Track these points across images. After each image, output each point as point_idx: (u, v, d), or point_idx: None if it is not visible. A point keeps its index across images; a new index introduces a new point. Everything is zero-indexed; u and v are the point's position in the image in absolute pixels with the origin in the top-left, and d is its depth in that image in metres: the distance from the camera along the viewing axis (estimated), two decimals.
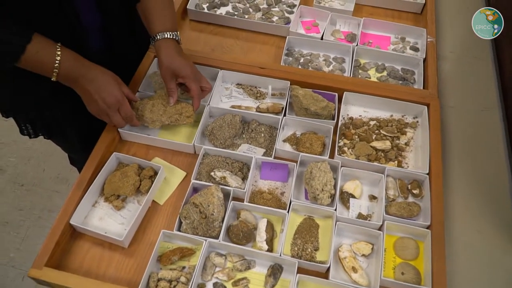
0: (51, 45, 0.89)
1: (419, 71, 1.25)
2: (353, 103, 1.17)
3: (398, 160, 1.06)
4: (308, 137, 1.08)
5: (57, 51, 0.89)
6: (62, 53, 0.90)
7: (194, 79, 1.04)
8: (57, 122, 1.17)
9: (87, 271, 0.91)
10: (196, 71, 1.06)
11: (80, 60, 0.94)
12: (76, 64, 0.92)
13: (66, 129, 1.20)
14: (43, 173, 2.09)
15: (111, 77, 0.97)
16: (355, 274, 0.88)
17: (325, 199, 0.96)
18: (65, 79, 0.93)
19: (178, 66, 1.02)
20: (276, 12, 1.41)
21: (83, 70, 0.93)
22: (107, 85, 0.95)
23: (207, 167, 1.03)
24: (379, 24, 1.36)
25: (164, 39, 1.03)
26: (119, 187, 0.98)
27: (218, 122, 1.09)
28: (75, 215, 0.93)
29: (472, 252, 0.94)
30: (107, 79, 0.96)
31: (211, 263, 0.90)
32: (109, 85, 0.95)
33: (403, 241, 0.94)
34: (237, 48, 1.33)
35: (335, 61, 1.29)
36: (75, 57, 0.93)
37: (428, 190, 0.98)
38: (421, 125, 1.13)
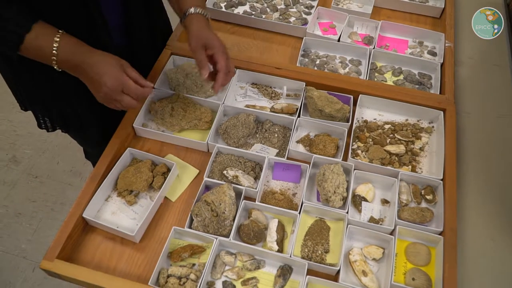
0: (51, 32, 0.87)
1: (436, 76, 1.23)
2: (368, 106, 1.16)
3: (412, 164, 1.05)
4: (322, 138, 1.08)
5: (56, 37, 0.87)
6: (62, 39, 0.87)
7: (223, 52, 1.01)
8: (76, 116, 1.18)
9: (98, 264, 0.92)
10: (225, 47, 1.03)
11: (81, 46, 0.90)
12: (77, 50, 0.89)
13: (85, 123, 1.21)
14: (57, 166, 2.11)
15: (112, 59, 0.92)
16: (365, 278, 0.88)
17: (337, 202, 0.96)
18: (66, 66, 0.90)
19: (208, 37, 1.00)
20: (294, 12, 1.41)
21: (83, 56, 0.89)
22: (107, 68, 0.90)
23: (220, 165, 1.03)
24: (397, 28, 1.35)
25: (196, 14, 1.03)
26: (132, 183, 0.99)
27: (232, 121, 1.09)
28: (88, 209, 0.94)
29: (484, 260, 0.93)
30: (108, 61, 0.91)
31: (221, 261, 0.91)
32: (109, 68, 0.90)
33: (415, 247, 0.93)
34: (253, 48, 1.33)
35: (351, 64, 1.28)
36: (76, 43, 0.90)
37: (441, 196, 0.97)
38: (436, 130, 1.11)
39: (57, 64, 0.89)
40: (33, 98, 1.14)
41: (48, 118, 1.20)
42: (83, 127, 1.23)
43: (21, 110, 1.21)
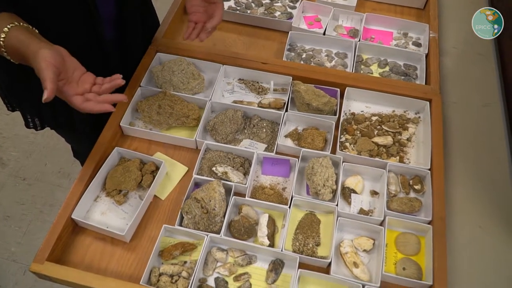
0: (5, 23, 0.79)
1: (421, 67, 1.24)
2: (355, 99, 1.17)
3: (400, 155, 1.06)
4: (310, 132, 1.08)
5: (9, 24, 0.78)
6: (13, 29, 0.78)
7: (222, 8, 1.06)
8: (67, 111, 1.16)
9: (89, 265, 0.91)
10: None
11: (34, 37, 0.79)
12: (26, 40, 0.78)
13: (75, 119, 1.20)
14: (45, 167, 2.09)
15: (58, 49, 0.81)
16: (356, 269, 0.88)
17: (327, 195, 0.96)
18: (17, 57, 0.81)
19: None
20: (279, 7, 1.40)
21: (31, 47, 0.78)
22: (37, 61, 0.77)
23: (209, 162, 1.03)
24: (382, 20, 1.36)
25: None
26: (121, 182, 0.98)
27: (220, 117, 1.09)
28: (76, 210, 0.93)
29: (473, 247, 0.94)
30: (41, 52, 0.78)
31: (212, 258, 0.91)
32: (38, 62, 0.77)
33: (404, 237, 0.94)
34: (239, 43, 1.32)
35: (337, 57, 1.29)
36: (26, 33, 0.79)
37: (429, 186, 0.98)
38: (423, 120, 1.12)
39: (8, 55, 0.81)
40: (21, 97, 1.12)
41: (37, 117, 1.19)
42: (74, 123, 1.22)
43: (7, 112, 1.19)
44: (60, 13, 0.91)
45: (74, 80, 0.84)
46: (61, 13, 0.91)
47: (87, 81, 0.85)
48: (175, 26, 1.34)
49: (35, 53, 0.77)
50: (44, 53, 0.77)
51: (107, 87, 0.86)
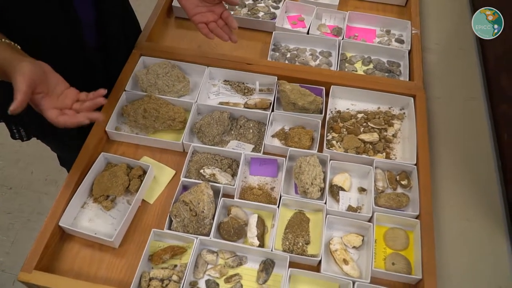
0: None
1: (405, 63, 1.25)
2: (341, 97, 1.17)
3: (386, 152, 1.07)
4: (297, 131, 1.08)
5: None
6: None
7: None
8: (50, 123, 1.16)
9: (78, 273, 0.90)
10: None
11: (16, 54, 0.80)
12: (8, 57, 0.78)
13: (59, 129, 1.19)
14: (31, 176, 2.07)
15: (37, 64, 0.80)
16: (346, 266, 0.89)
17: (315, 193, 0.96)
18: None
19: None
20: (262, 7, 1.41)
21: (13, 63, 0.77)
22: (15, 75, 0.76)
23: (196, 164, 1.03)
24: (364, 18, 1.37)
25: None
26: (108, 187, 0.97)
27: (206, 119, 1.08)
28: (64, 217, 0.92)
29: (461, 240, 0.96)
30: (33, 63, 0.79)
31: (202, 260, 0.90)
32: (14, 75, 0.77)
33: (393, 232, 0.95)
34: (223, 45, 1.31)
35: (321, 55, 1.29)
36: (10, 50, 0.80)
37: (416, 181, 0.99)
38: (408, 116, 1.13)
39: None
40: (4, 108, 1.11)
41: (22, 127, 1.17)
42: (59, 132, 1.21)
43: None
44: (39, 19, 0.90)
45: (54, 94, 0.82)
46: (40, 19, 0.90)
47: (69, 97, 0.84)
48: (158, 30, 1.33)
49: (14, 67, 0.76)
50: (22, 66, 0.76)
51: (88, 106, 0.84)
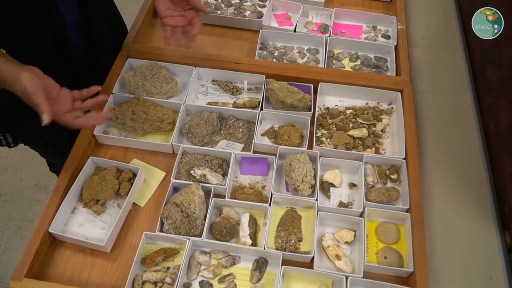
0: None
1: (392, 59, 1.26)
2: (329, 93, 1.18)
3: (375, 147, 1.07)
4: (286, 129, 1.08)
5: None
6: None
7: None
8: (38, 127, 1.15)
9: (69, 279, 0.89)
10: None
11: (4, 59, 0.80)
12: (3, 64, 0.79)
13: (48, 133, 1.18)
14: (20, 182, 2.04)
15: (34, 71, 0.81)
16: (339, 262, 0.89)
17: (306, 190, 0.97)
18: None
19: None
20: (248, 6, 1.40)
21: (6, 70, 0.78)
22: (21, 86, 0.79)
23: (187, 165, 1.02)
24: (351, 14, 1.37)
25: None
26: (97, 192, 0.97)
27: (195, 119, 1.08)
28: (54, 223, 0.91)
29: (451, 232, 0.96)
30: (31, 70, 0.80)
31: (195, 261, 0.90)
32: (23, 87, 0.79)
33: (384, 226, 0.95)
34: (210, 45, 1.32)
35: (309, 53, 1.29)
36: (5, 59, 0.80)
37: (405, 175, 0.99)
38: (396, 111, 1.14)
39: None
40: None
41: (8, 133, 1.16)
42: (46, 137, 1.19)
43: None
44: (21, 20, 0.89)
45: (54, 98, 0.84)
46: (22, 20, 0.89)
47: (66, 98, 0.87)
48: (145, 31, 1.32)
49: (14, 78, 0.77)
50: (27, 77, 0.77)
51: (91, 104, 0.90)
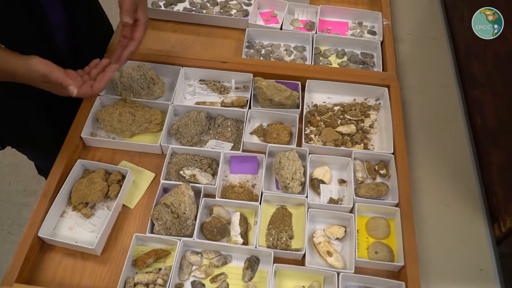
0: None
1: (378, 54, 1.27)
2: (317, 90, 1.18)
3: (364, 142, 1.08)
4: (275, 127, 1.08)
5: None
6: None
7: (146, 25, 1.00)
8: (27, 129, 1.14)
9: (60, 283, 0.89)
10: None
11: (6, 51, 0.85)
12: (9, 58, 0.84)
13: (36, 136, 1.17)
14: (9, 187, 2.02)
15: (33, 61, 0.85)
16: (330, 258, 0.90)
17: (296, 187, 0.97)
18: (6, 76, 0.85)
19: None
20: (234, 5, 1.40)
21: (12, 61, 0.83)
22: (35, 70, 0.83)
23: (176, 166, 1.02)
24: (336, 11, 1.37)
25: None
26: (86, 195, 0.96)
27: (184, 120, 1.08)
28: (43, 227, 0.90)
29: (441, 225, 0.98)
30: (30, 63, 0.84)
31: (187, 262, 0.90)
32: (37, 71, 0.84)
33: (374, 221, 0.96)
34: (197, 44, 1.31)
35: (296, 50, 1.30)
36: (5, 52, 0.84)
37: (394, 169, 1.00)
38: (383, 106, 1.15)
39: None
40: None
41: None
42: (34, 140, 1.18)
43: None
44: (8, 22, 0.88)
45: None
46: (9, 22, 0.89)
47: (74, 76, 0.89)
48: None
49: (25, 67, 0.82)
50: (38, 61, 0.82)
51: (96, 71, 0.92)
